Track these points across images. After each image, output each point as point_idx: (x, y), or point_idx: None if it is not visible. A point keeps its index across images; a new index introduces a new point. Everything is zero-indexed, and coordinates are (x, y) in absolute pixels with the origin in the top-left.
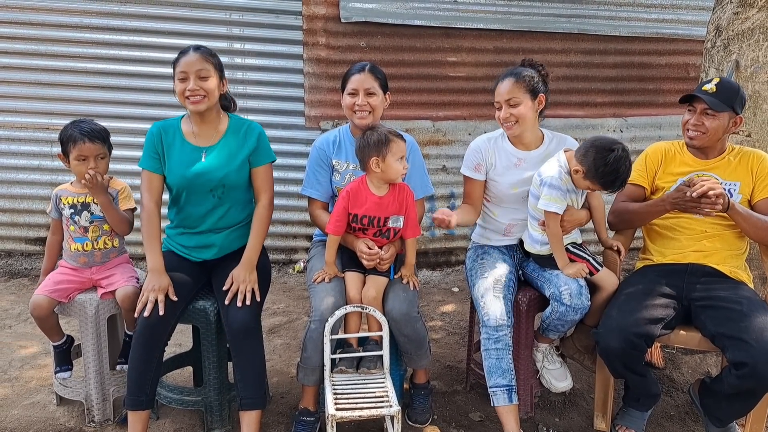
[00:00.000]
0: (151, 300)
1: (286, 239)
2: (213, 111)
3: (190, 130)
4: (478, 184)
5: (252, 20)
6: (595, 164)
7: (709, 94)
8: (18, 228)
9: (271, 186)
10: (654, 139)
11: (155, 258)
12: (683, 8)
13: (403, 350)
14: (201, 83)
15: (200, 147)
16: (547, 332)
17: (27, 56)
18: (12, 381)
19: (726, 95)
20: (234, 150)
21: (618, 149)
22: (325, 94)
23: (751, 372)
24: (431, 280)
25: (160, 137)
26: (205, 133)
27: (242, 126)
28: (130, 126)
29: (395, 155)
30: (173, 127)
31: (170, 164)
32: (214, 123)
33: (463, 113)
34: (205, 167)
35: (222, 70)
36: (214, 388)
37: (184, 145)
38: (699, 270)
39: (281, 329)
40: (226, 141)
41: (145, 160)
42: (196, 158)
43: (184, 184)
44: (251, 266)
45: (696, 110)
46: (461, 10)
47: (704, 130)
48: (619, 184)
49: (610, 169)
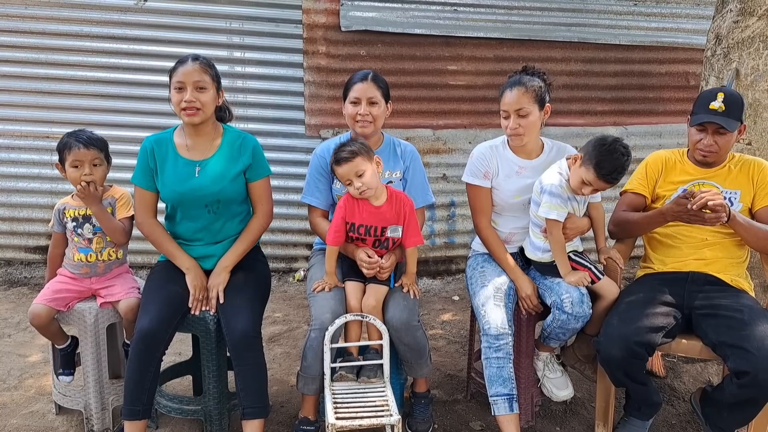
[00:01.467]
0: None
1: (286, 248)
2: (208, 123)
3: (183, 143)
4: (487, 192)
5: (252, 29)
6: (594, 144)
7: (720, 114)
8: (17, 237)
9: (268, 199)
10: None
11: (183, 257)
12: (683, 17)
13: (404, 359)
14: (198, 95)
15: (194, 161)
16: (548, 341)
17: (27, 65)
18: (11, 390)
19: (734, 110)
20: (229, 164)
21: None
22: (326, 103)
23: (752, 381)
24: (432, 288)
25: (153, 152)
26: (199, 146)
27: (237, 139)
28: (130, 134)
29: (342, 178)
30: (165, 140)
31: (164, 179)
32: (208, 136)
33: (464, 122)
34: (200, 183)
35: (219, 81)
36: (213, 397)
37: (177, 159)
38: (700, 278)
39: (281, 338)
40: (220, 155)
41: (138, 176)
42: (190, 173)
43: (178, 199)
44: (223, 270)
45: (708, 130)
46: (462, 19)
47: (717, 149)
48: (614, 169)
49: (607, 148)
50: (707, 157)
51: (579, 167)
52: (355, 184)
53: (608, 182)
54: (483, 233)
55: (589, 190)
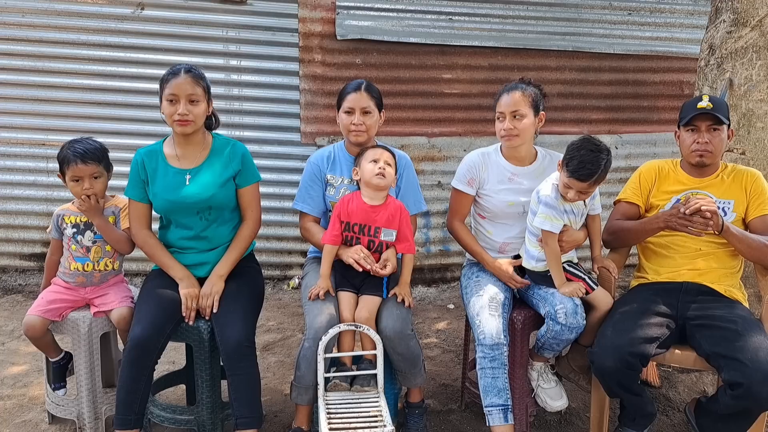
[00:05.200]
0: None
1: (281, 255)
2: (198, 132)
3: (173, 153)
4: (469, 199)
5: (248, 37)
6: (568, 147)
7: (709, 111)
8: (12, 244)
9: (257, 205)
10: (649, 155)
11: (176, 267)
12: (677, 26)
13: (398, 369)
14: (191, 107)
15: (184, 170)
16: (542, 351)
17: (24, 72)
18: (3, 399)
19: (722, 110)
20: (218, 171)
21: (597, 140)
22: (321, 111)
23: (746, 392)
24: (426, 296)
25: (143, 165)
26: (189, 155)
27: (226, 146)
28: (127, 142)
29: (368, 158)
30: (156, 152)
31: (155, 190)
32: (198, 144)
33: (459, 130)
34: (190, 191)
35: (210, 92)
36: (206, 406)
37: (167, 169)
38: (694, 289)
39: (275, 346)
40: (210, 162)
41: (130, 189)
42: (180, 182)
43: (170, 208)
44: (218, 279)
45: (700, 128)
46: (456, 28)
47: (712, 148)
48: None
49: (576, 147)
50: (704, 157)
51: (560, 172)
52: (379, 163)
53: (581, 179)
54: (456, 229)
55: (573, 194)
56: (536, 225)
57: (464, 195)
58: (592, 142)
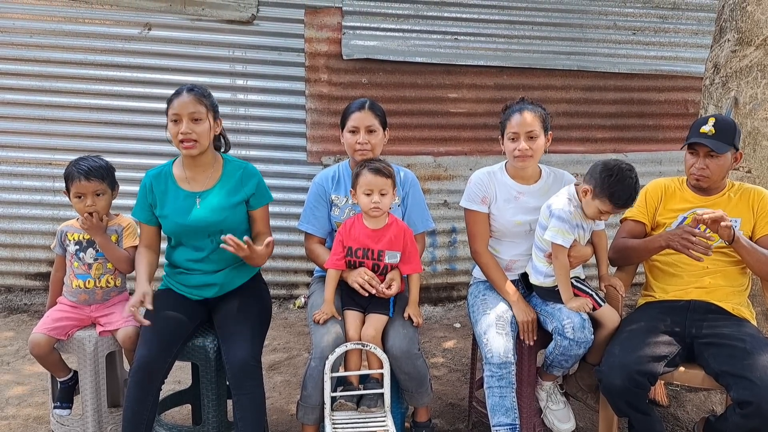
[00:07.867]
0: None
1: (287, 274)
2: (207, 154)
3: (183, 175)
4: (484, 218)
5: (255, 57)
6: (601, 177)
7: (709, 137)
8: (18, 263)
9: (269, 225)
10: (655, 174)
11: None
12: (681, 46)
13: (404, 388)
14: (193, 126)
15: (194, 192)
16: (550, 369)
17: (31, 92)
18: (8, 419)
19: (725, 134)
20: (229, 195)
21: (623, 162)
22: (327, 130)
23: (755, 411)
24: (433, 315)
25: (152, 188)
26: (198, 178)
27: (238, 170)
28: (134, 161)
29: (362, 188)
30: (165, 174)
31: (165, 212)
32: (208, 166)
33: (464, 149)
34: (201, 215)
35: (216, 110)
36: (213, 426)
37: (177, 191)
38: (701, 307)
39: (281, 366)
40: (221, 185)
41: (138, 211)
42: (191, 205)
43: (180, 231)
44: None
45: (699, 153)
46: (462, 48)
47: (709, 173)
48: (628, 196)
49: (616, 178)
50: (700, 181)
51: (592, 200)
52: (373, 197)
53: (627, 206)
54: (481, 258)
55: (607, 216)
56: (547, 238)
57: (480, 215)
58: (626, 167)
